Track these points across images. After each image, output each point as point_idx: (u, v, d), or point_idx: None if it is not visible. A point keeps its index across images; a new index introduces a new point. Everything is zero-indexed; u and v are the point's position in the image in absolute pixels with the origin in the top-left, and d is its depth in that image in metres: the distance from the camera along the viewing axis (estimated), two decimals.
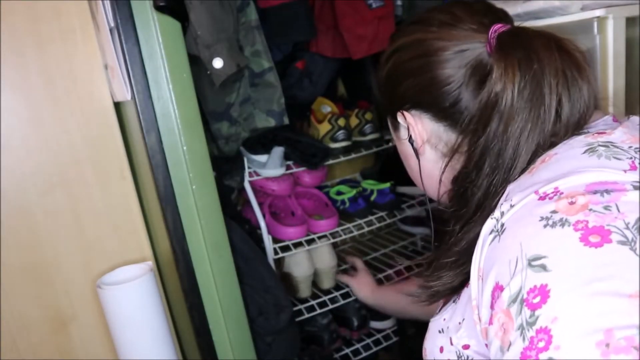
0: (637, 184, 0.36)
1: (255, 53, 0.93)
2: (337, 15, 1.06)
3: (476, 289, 0.41)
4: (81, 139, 0.78)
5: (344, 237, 1.14)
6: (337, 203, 1.20)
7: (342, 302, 1.14)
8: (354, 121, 1.14)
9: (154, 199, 0.75)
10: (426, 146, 0.56)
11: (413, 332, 1.19)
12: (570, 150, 0.42)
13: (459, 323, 0.48)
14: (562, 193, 0.37)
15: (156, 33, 0.66)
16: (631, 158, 0.39)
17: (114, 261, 0.82)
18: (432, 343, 0.53)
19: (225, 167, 1.04)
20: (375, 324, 1.26)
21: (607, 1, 0.76)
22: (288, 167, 1.07)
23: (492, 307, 0.38)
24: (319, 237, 1.11)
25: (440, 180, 0.55)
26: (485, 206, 0.46)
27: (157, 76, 0.68)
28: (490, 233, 0.40)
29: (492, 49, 0.48)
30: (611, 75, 0.78)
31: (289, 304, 0.95)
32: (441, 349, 0.51)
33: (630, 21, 0.78)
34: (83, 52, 0.77)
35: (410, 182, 0.64)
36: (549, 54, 0.45)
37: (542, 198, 0.38)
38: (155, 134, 0.69)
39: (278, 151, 1.03)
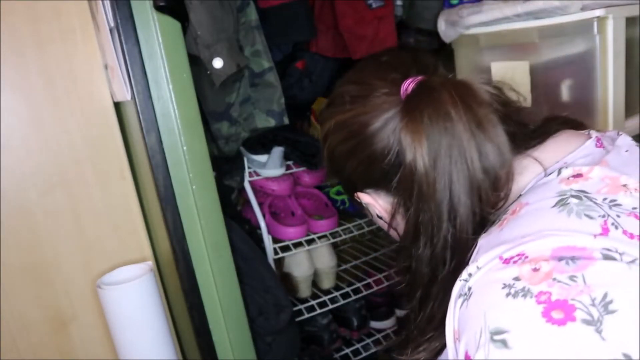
0: (606, 252, 0.33)
1: (255, 53, 0.93)
2: (337, 15, 1.06)
3: (454, 351, 0.39)
4: (81, 139, 0.78)
5: (344, 237, 1.14)
6: (337, 203, 1.20)
7: (342, 302, 1.14)
8: None
9: (154, 199, 0.75)
10: (397, 217, 0.51)
11: None
12: (540, 202, 0.39)
13: None
14: (527, 257, 0.35)
15: (156, 33, 0.66)
16: (604, 216, 0.36)
17: (114, 261, 0.82)
18: None
19: (225, 167, 1.04)
20: (375, 324, 1.26)
21: (607, 1, 0.76)
22: (288, 167, 1.07)
23: None
24: (319, 237, 1.11)
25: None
26: (441, 265, 0.44)
27: (157, 76, 0.68)
28: (460, 296, 0.38)
29: (401, 109, 0.46)
30: (611, 75, 0.78)
31: (289, 304, 0.95)
32: None
33: (630, 21, 0.79)
34: (83, 52, 0.77)
35: None
36: (456, 109, 0.42)
37: (506, 261, 0.36)
38: (155, 134, 0.69)
39: (278, 151, 1.03)
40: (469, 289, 0.37)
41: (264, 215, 1.08)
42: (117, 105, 0.80)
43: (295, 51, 1.15)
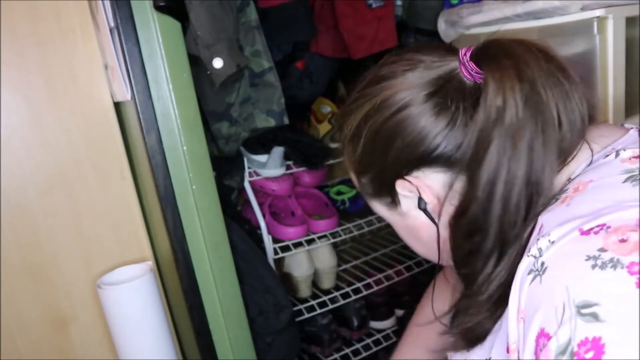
0: None
1: (255, 53, 0.93)
2: (337, 15, 1.06)
3: (515, 332, 0.37)
4: (81, 139, 0.78)
5: (344, 237, 1.15)
6: (337, 203, 1.20)
7: (342, 302, 1.14)
8: None
9: (154, 199, 0.75)
10: (440, 207, 0.48)
11: None
12: (607, 178, 0.38)
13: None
14: (609, 227, 0.33)
15: (156, 33, 0.66)
16: None
17: (114, 261, 0.82)
18: None
19: (225, 167, 1.04)
20: (375, 324, 1.26)
21: (607, 1, 0.76)
22: (288, 167, 1.07)
23: (536, 354, 0.34)
24: (319, 237, 1.11)
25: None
26: (508, 241, 0.41)
27: (157, 76, 0.68)
28: (529, 273, 0.36)
29: (470, 72, 0.44)
30: (611, 75, 0.78)
31: (289, 303, 0.95)
32: None
33: (630, 21, 0.79)
34: (83, 52, 0.77)
35: None
36: (535, 60, 0.41)
37: (586, 233, 0.34)
38: (155, 134, 0.69)
39: (278, 151, 1.03)
40: (542, 264, 0.35)
41: (264, 215, 1.08)
42: (117, 105, 0.80)
43: (295, 51, 1.15)
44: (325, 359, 1.13)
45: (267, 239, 1.06)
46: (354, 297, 1.14)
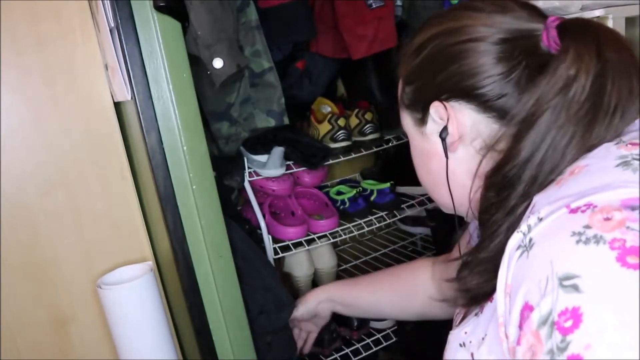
0: None
1: (255, 53, 0.93)
2: (337, 15, 1.06)
3: (503, 306, 0.38)
4: (81, 139, 0.78)
5: (344, 237, 1.14)
6: (337, 203, 1.20)
7: None
8: (354, 121, 1.14)
9: (154, 199, 0.75)
10: (458, 143, 0.51)
11: (411, 327, 1.19)
12: (601, 162, 0.39)
13: (482, 338, 0.46)
14: (595, 207, 0.35)
15: (156, 33, 0.66)
16: None
17: (114, 261, 0.82)
18: (451, 355, 0.51)
19: (226, 167, 1.04)
20: (375, 324, 1.26)
21: (607, 1, 0.76)
22: (288, 167, 1.07)
23: (520, 326, 0.35)
24: (319, 237, 1.11)
25: (474, 181, 0.50)
26: (515, 211, 0.43)
27: (157, 76, 0.68)
28: (518, 248, 0.37)
29: (550, 39, 0.45)
30: None
31: (292, 300, 0.95)
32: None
33: (630, 21, 0.79)
34: (83, 52, 0.77)
35: (410, 182, 0.63)
36: (616, 48, 0.42)
37: (573, 211, 0.35)
38: (155, 134, 0.69)
39: (278, 151, 1.03)
40: (530, 240, 0.36)
41: (264, 215, 1.08)
42: (117, 105, 0.80)
43: (295, 51, 1.15)
44: (325, 359, 1.13)
45: (267, 239, 1.06)
46: None
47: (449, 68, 0.49)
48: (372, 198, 1.20)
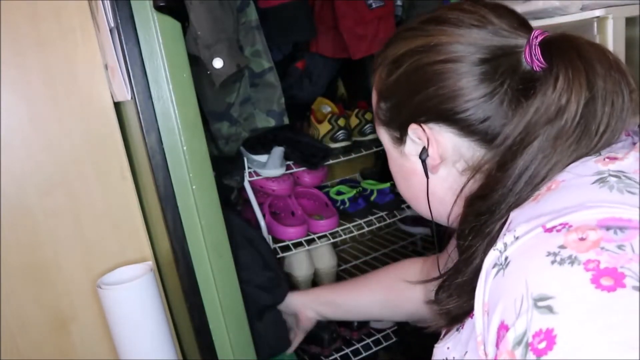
0: None
1: (255, 53, 0.93)
2: (337, 15, 1.06)
3: (481, 324, 0.38)
4: (81, 139, 0.78)
5: (344, 237, 1.14)
6: (337, 203, 1.20)
7: None
8: (354, 121, 1.14)
9: (154, 199, 0.75)
10: (439, 164, 0.49)
11: (411, 328, 1.19)
12: (578, 179, 0.39)
13: (464, 354, 0.46)
14: (571, 226, 0.34)
15: (156, 33, 0.66)
16: None
17: (114, 261, 0.82)
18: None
19: (225, 167, 1.04)
20: (375, 324, 1.26)
21: (607, 1, 0.76)
22: (288, 167, 1.07)
23: (497, 345, 0.35)
24: (319, 237, 1.11)
25: (455, 202, 0.49)
26: (491, 234, 0.42)
27: (157, 76, 0.68)
28: (494, 266, 0.37)
29: (533, 57, 0.43)
30: None
31: (287, 282, 0.95)
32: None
33: (630, 21, 0.78)
34: (83, 52, 0.77)
35: None
36: (607, 71, 0.41)
37: (549, 230, 0.35)
38: (155, 134, 0.69)
39: (278, 151, 1.03)
40: (506, 258, 0.36)
41: (264, 215, 1.08)
42: (117, 105, 0.80)
43: (295, 51, 1.15)
44: (325, 359, 1.13)
45: (267, 239, 1.06)
46: None
47: (427, 89, 0.46)
48: (372, 198, 1.20)
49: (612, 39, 0.76)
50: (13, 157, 0.75)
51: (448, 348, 0.49)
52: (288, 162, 1.07)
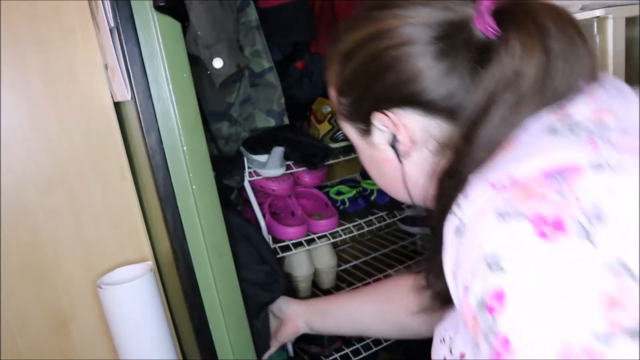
0: (596, 164, 0.33)
1: (255, 53, 0.93)
2: (337, 15, 1.06)
3: (454, 290, 0.38)
4: (81, 139, 0.78)
5: (344, 237, 1.14)
6: (337, 203, 1.20)
7: None
8: None
9: (154, 199, 0.75)
10: (411, 148, 0.49)
11: None
12: (529, 134, 0.39)
13: (457, 332, 0.46)
14: (516, 180, 0.34)
15: (156, 33, 0.66)
16: (591, 134, 0.36)
17: (114, 261, 0.82)
18: (436, 353, 0.51)
19: (225, 167, 1.04)
20: None
21: (607, 1, 0.76)
22: (288, 167, 1.07)
23: (464, 309, 0.35)
24: (319, 237, 1.11)
25: (432, 181, 0.47)
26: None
27: (157, 76, 0.68)
28: (455, 233, 0.37)
29: (485, 25, 0.42)
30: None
31: (284, 276, 0.95)
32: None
33: (630, 21, 0.79)
34: (83, 52, 0.77)
35: None
36: (561, 32, 0.40)
37: (496, 188, 0.35)
38: (155, 134, 0.69)
39: (278, 151, 1.03)
40: (464, 224, 0.36)
41: (264, 215, 1.08)
42: (117, 105, 0.80)
43: (295, 51, 1.15)
44: (326, 359, 1.13)
45: (267, 239, 1.06)
46: None
47: (385, 77, 0.45)
48: (372, 198, 1.20)
49: (612, 39, 0.76)
50: (13, 157, 0.75)
51: (445, 328, 0.49)
52: (288, 162, 1.07)
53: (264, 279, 0.91)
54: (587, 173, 0.32)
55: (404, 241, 1.40)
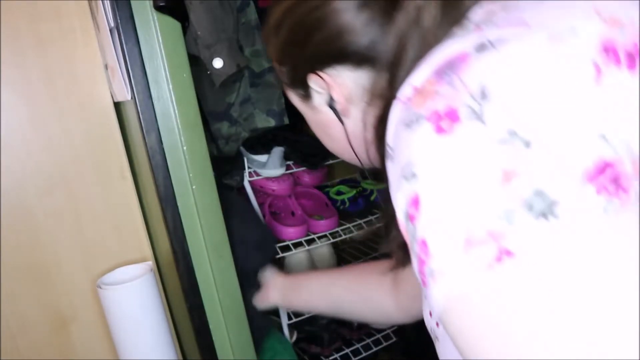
0: (479, 46, 0.32)
1: (255, 53, 0.93)
2: None
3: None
4: (81, 139, 0.78)
5: (344, 237, 1.14)
6: (337, 203, 1.20)
7: None
8: None
9: (154, 199, 0.75)
10: (348, 106, 0.49)
11: (411, 327, 1.19)
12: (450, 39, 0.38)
13: None
14: (416, 89, 0.34)
15: (156, 33, 0.66)
16: (477, 24, 0.35)
17: (114, 261, 0.82)
18: (425, 310, 0.52)
19: (225, 167, 1.04)
20: (375, 324, 1.26)
21: None
22: (288, 167, 1.07)
23: (402, 230, 0.35)
24: (319, 237, 1.11)
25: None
26: None
27: (157, 76, 0.68)
28: (389, 160, 0.37)
29: None
30: None
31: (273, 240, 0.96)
32: (430, 314, 0.51)
33: None
34: (83, 52, 0.77)
35: None
36: None
37: (403, 102, 0.35)
38: (155, 134, 0.69)
39: (278, 151, 1.03)
40: (391, 147, 0.36)
41: (264, 215, 1.08)
42: (117, 105, 0.80)
43: None
44: (326, 359, 1.13)
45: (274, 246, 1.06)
46: None
47: (313, 38, 0.46)
48: (372, 198, 1.20)
49: None
50: (13, 157, 0.75)
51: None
52: (288, 162, 1.07)
53: (256, 238, 0.90)
54: (472, 57, 0.32)
55: None
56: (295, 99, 0.55)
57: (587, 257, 0.26)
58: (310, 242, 1.10)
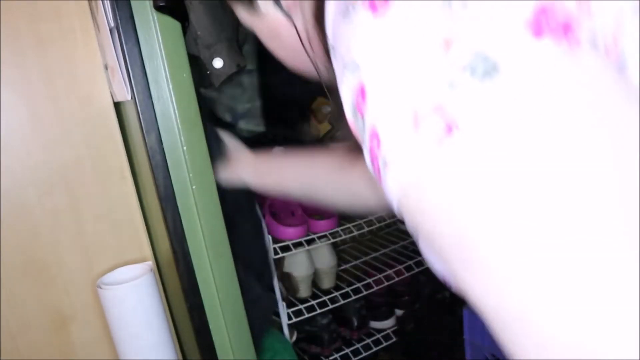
0: None
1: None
2: None
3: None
4: (81, 139, 0.78)
5: (344, 237, 1.15)
6: None
7: (342, 302, 1.14)
8: None
9: (154, 199, 0.75)
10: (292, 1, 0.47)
11: (411, 327, 1.19)
12: None
13: None
14: None
15: (156, 33, 0.66)
16: None
17: (114, 261, 0.82)
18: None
19: None
20: (375, 324, 1.26)
21: None
22: None
23: (352, 128, 0.33)
24: (319, 237, 1.11)
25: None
26: None
27: (157, 76, 0.68)
28: (332, 56, 0.34)
29: None
30: None
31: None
32: None
33: None
34: (83, 52, 0.77)
35: None
36: None
37: None
38: (155, 134, 0.69)
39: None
40: (331, 45, 0.34)
41: (264, 216, 1.08)
42: (117, 105, 0.80)
43: None
44: (326, 359, 1.13)
45: (267, 239, 1.06)
46: (354, 297, 1.14)
47: None
48: None
49: None
50: (13, 157, 0.75)
51: None
52: None
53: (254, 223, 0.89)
54: None
55: (404, 241, 1.40)
56: (243, 14, 0.52)
57: (541, 113, 0.24)
58: (310, 242, 1.10)
